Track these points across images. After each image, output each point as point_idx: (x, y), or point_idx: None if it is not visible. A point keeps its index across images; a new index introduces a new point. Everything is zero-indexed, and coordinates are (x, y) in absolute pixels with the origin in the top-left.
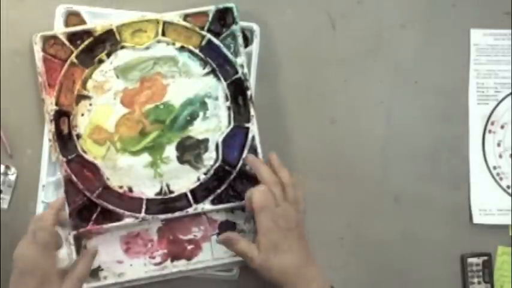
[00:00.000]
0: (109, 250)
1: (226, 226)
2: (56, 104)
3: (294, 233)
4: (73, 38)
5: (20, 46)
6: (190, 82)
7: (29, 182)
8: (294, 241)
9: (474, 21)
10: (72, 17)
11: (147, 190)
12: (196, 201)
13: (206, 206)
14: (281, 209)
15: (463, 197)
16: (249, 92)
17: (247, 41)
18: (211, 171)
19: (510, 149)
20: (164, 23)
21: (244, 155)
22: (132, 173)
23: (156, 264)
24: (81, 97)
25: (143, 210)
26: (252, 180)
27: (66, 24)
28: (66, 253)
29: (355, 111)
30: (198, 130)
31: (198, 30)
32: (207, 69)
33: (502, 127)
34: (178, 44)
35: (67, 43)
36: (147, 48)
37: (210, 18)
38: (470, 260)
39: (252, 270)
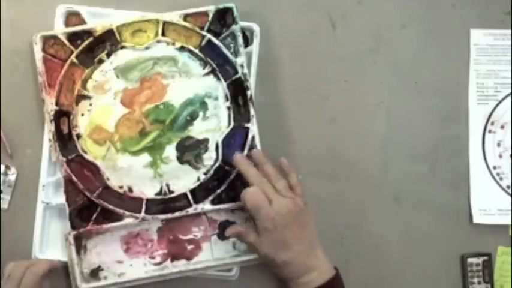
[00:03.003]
0: (109, 250)
1: (226, 226)
2: (56, 104)
3: (294, 226)
4: (73, 38)
5: (20, 46)
6: (190, 82)
7: (29, 182)
8: (293, 235)
9: (474, 21)
10: (72, 17)
11: (147, 190)
12: (196, 201)
13: (206, 206)
14: (275, 205)
15: (463, 197)
16: (249, 92)
17: (247, 41)
18: (211, 171)
19: (510, 149)
20: (164, 23)
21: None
22: (132, 173)
23: (156, 264)
24: (81, 97)
25: (143, 210)
26: None
27: (66, 24)
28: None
29: (355, 111)
30: (198, 130)
31: (198, 30)
32: (207, 69)
33: (502, 127)
34: (178, 44)
35: (67, 43)
36: (147, 48)
37: (210, 18)
38: (470, 260)
39: (252, 270)
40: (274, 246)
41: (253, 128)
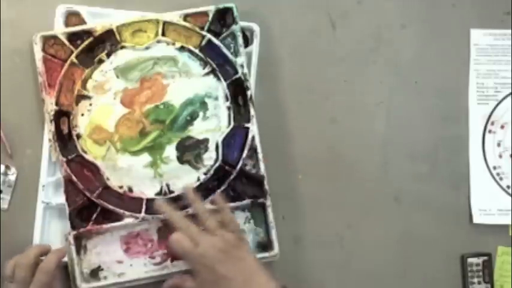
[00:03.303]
0: (109, 250)
1: None
2: (56, 104)
3: (227, 262)
4: (73, 38)
5: (20, 46)
6: (190, 82)
7: (29, 182)
8: (228, 271)
9: (474, 21)
10: (72, 17)
11: (147, 190)
12: None
13: (206, 206)
14: (202, 247)
15: (463, 197)
16: (249, 92)
17: (247, 41)
18: (211, 171)
19: (510, 149)
20: (164, 23)
21: (244, 155)
22: (132, 173)
23: (156, 264)
24: (81, 97)
25: (143, 210)
26: (252, 180)
27: (66, 24)
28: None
29: (355, 111)
30: (198, 130)
31: (198, 30)
32: (207, 69)
33: (502, 127)
34: (178, 44)
35: (67, 43)
36: (147, 48)
37: (210, 18)
38: (470, 260)
39: None
40: (211, 286)
41: (253, 128)
